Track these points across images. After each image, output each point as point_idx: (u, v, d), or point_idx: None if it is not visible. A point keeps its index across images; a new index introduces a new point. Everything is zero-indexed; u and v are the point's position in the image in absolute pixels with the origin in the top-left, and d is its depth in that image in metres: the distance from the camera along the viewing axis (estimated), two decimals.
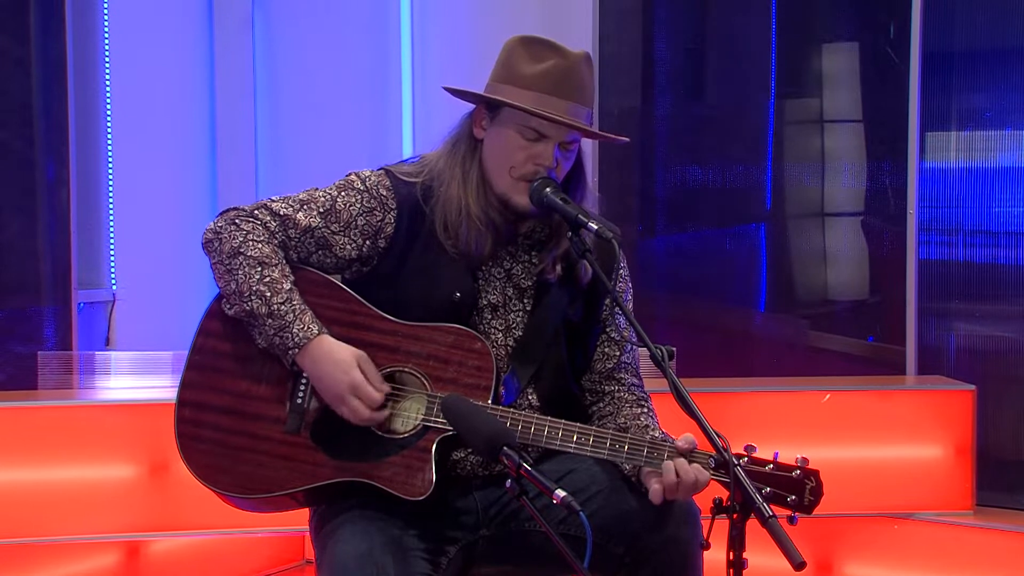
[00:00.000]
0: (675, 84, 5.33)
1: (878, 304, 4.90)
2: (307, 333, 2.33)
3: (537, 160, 2.37)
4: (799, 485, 2.20)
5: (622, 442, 2.29)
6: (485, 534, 2.42)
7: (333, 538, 2.30)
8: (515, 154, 2.37)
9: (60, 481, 3.59)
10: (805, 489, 2.20)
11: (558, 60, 2.35)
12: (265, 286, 2.34)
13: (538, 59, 2.35)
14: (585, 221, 2.29)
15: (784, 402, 3.92)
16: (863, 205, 4.96)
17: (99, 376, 4.13)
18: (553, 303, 2.45)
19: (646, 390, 2.54)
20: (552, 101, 2.33)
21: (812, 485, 2.21)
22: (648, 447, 2.28)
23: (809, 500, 2.21)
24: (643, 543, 2.34)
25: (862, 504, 3.88)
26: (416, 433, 2.35)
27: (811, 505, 2.21)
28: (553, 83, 2.33)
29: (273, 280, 2.35)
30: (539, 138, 2.36)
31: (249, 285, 2.34)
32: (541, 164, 2.36)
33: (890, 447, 3.92)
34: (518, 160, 2.37)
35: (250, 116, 5.46)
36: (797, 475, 2.21)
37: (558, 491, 2.00)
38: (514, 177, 2.38)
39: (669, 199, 5.35)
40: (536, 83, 2.34)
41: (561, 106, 2.34)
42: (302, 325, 2.34)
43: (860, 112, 5.00)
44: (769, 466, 2.22)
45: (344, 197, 2.43)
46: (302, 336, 2.33)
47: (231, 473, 2.38)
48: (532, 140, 2.36)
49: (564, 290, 2.46)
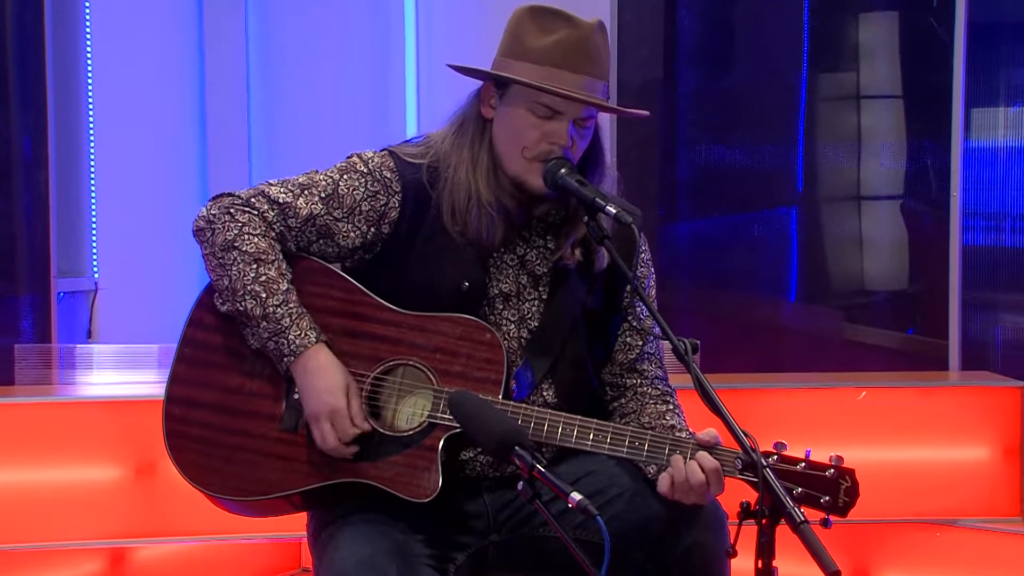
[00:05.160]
0: (700, 56, 5.33)
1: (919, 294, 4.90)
2: (304, 340, 2.34)
3: (551, 139, 2.37)
4: (833, 485, 2.20)
5: (642, 439, 2.29)
6: (496, 540, 2.43)
7: (332, 544, 2.30)
8: (527, 133, 2.37)
9: (39, 483, 3.60)
10: (840, 489, 2.20)
11: (569, 31, 2.34)
12: (260, 286, 2.34)
13: (547, 30, 2.35)
14: (603, 205, 2.29)
15: (817, 400, 3.92)
16: (902, 187, 4.95)
17: (80, 371, 4.15)
18: (571, 291, 2.45)
19: (671, 384, 2.54)
20: (564, 75, 2.33)
21: (847, 485, 2.21)
22: (671, 445, 2.28)
23: (844, 501, 2.20)
24: (665, 550, 2.34)
25: (901, 510, 3.87)
26: (421, 431, 2.35)
27: (846, 507, 2.20)
28: (564, 56, 2.33)
29: (269, 280, 2.35)
30: (552, 115, 2.36)
31: (243, 283, 2.35)
32: (555, 143, 2.36)
33: (932, 448, 3.91)
34: (531, 140, 2.37)
35: (242, 93, 5.46)
36: (831, 474, 2.21)
37: (574, 494, 2.00)
38: (527, 158, 2.38)
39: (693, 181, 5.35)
40: (546, 56, 2.34)
41: (574, 80, 2.34)
42: (299, 331, 2.34)
43: (899, 87, 4.99)
44: (800, 465, 2.22)
45: (347, 181, 2.43)
46: (299, 344, 2.34)
47: (223, 474, 2.39)
48: (544, 118, 2.36)
49: (583, 277, 2.46)
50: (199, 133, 5.44)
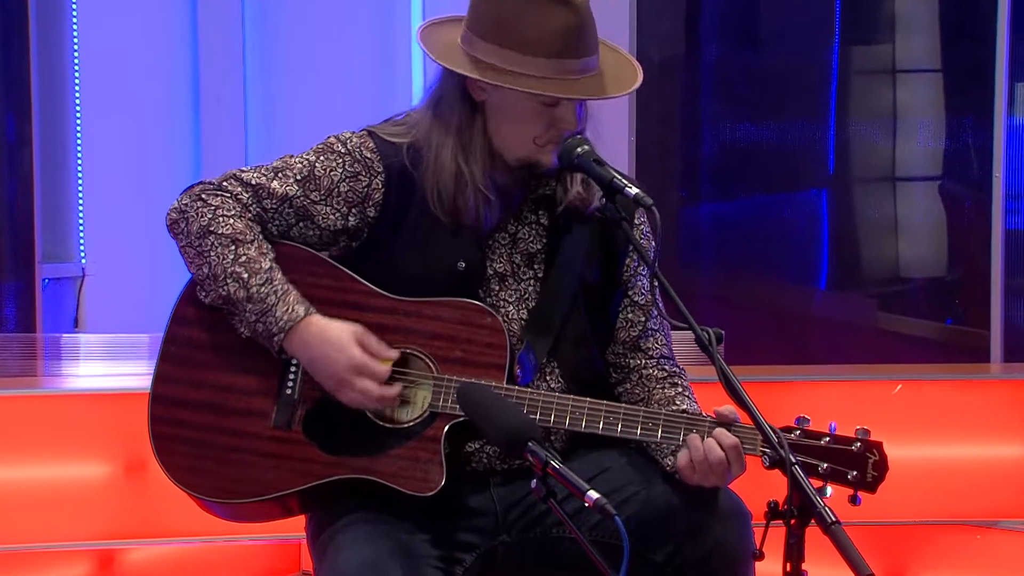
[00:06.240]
0: (724, 29, 5.32)
1: (958, 281, 4.89)
2: (293, 315, 2.35)
3: (560, 124, 2.39)
4: (860, 459, 2.20)
5: (656, 420, 2.30)
6: (506, 540, 2.42)
7: (333, 544, 2.31)
8: (536, 122, 2.38)
9: (21, 481, 3.61)
10: (867, 463, 2.20)
11: (568, 15, 2.33)
12: (241, 267, 2.35)
13: (542, 15, 2.34)
14: (621, 186, 2.30)
15: (848, 393, 3.91)
16: (941, 168, 4.94)
17: (66, 362, 4.16)
18: (567, 265, 2.46)
19: (679, 365, 2.54)
20: (567, 64, 2.34)
21: (875, 459, 2.20)
22: (687, 425, 2.29)
23: (873, 476, 2.20)
24: (686, 551, 2.34)
25: (939, 510, 3.87)
26: (422, 421, 2.35)
27: (875, 482, 2.20)
28: (567, 45, 2.34)
29: (250, 259, 2.36)
30: (558, 102, 2.38)
31: (223, 267, 2.35)
32: (565, 127, 2.39)
33: (971, 445, 3.90)
34: (540, 128, 2.39)
35: (238, 67, 5.47)
36: (858, 448, 2.21)
37: (590, 492, 2.00)
38: (539, 144, 2.40)
39: (716, 161, 5.35)
40: (549, 48, 2.33)
41: (575, 66, 2.35)
42: (286, 307, 2.35)
43: (938, 60, 4.98)
44: (825, 439, 2.22)
45: (323, 162, 2.44)
46: (287, 319, 2.34)
47: (215, 476, 2.39)
48: (550, 105, 2.38)
49: (579, 249, 2.46)
50: (192, 109, 5.45)
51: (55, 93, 4.96)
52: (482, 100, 2.42)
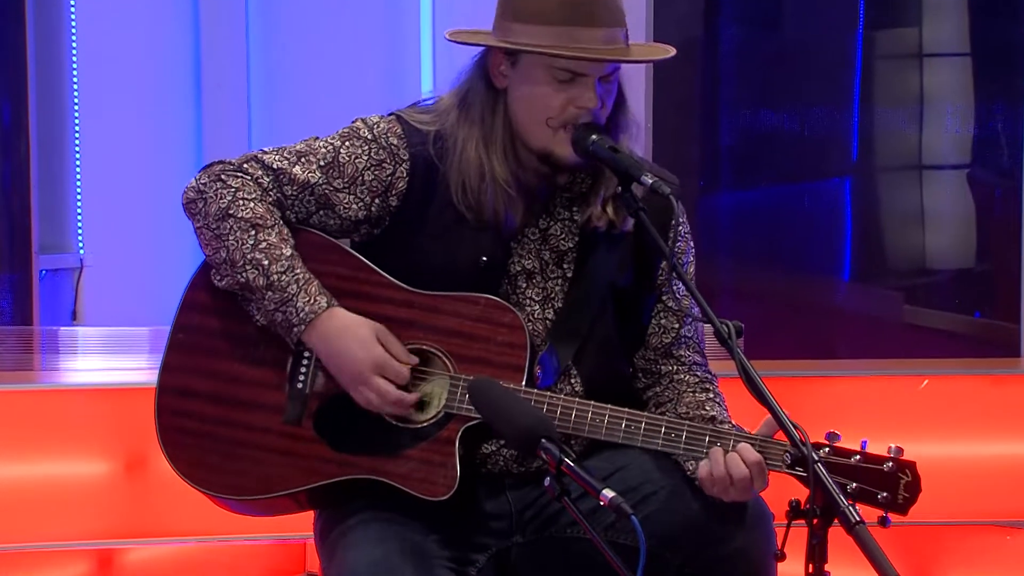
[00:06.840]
0: (744, 11, 5.31)
1: (987, 273, 4.88)
2: (315, 307, 2.34)
3: (577, 103, 2.36)
4: (892, 480, 2.19)
5: (679, 430, 2.29)
6: (519, 541, 2.43)
7: (342, 544, 2.31)
8: (550, 101, 2.36)
9: (18, 478, 3.62)
10: (899, 484, 2.19)
11: None
12: (261, 253, 2.35)
13: None
14: (638, 174, 2.29)
15: (873, 389, 3.91)
16: (970, 155, 4.93)
17: (64, 355, 4.17)
18: (599, 267, 2.45)
19: (712, 371, 2.54)
20: (582, 33, 2.32)
21: (908, 480, 2.19)
22: (711, 437, 2.28)
23: (904, 497, 2.19)
24: (705, 553, 2.34)
25: (967, 510, 3.86)
26: (437, 422, 2.35)
27: (906, 503, 2.19)
28: (577, 10, 2.33)
29: (270, 245, 2.36)
30: (574, 78, 2.35)
31: (242, 252, 2.35)
32: (583, 107, 2.36)
33: (1001, 443, 3.90)
34: (555, 108, 2.36)
35: (242, 53, 5.47)
36: (889, 468, 2.20)
37: (606, 491, 2.00)
38: (553, 127, 2.38)
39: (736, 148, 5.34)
40: (557, 14, 2.33)
41: (593, 35, 2.33)
42: (308, 297, 2.35)
43: (967, 44, 4.97)
44: (855, 457, 2.21)
45: (348, 148, 2.43)
46: (308, 310, 2.34)
47: (222, 471, 2.39)
48: (566, 82, 2.35)
49: (612, 252, 2.46)
50: (194, 95, 5.45)
51: (52, 79, 4.97)
52: (504, 87, 2.41)
